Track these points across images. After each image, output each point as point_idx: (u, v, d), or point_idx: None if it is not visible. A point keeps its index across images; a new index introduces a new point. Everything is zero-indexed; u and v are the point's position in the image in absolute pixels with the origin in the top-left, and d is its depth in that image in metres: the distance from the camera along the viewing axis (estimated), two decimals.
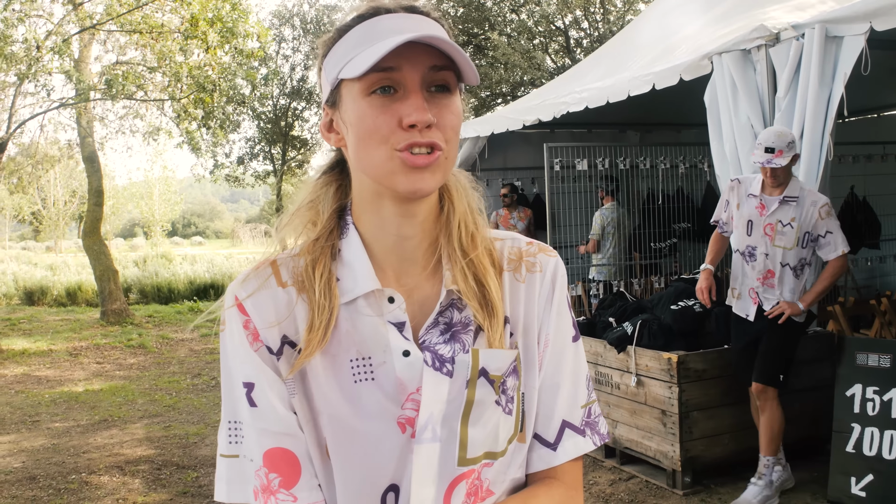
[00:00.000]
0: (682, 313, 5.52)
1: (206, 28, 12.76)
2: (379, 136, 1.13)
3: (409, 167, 1.13)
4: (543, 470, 1.30)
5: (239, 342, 1.22)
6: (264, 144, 26.62)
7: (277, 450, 1.19)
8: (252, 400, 1.20)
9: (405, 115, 1.12)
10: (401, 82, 1.13)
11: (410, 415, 1.19)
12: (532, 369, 1.30)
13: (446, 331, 1.23)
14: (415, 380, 1.19)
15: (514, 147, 10.31)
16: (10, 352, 11.86)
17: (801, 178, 5.26)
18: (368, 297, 1.22)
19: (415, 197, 1.16)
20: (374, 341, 1.21)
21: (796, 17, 5.58)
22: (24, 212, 43.31)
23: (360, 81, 1.14)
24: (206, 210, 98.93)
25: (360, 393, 1.20)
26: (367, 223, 1.25)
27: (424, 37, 1.08)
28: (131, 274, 20.45)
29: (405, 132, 1.12)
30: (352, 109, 1.16)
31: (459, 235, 1.25)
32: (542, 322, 1.31)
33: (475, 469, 1.21)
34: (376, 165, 1.15)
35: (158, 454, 6.49)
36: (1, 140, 12.22)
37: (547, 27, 20.60)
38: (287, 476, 1.19)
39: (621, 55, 8.16)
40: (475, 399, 1.21)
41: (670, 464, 5.20)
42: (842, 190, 9.11)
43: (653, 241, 9.16)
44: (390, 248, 1.24)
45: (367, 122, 1.14)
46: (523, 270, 1.32)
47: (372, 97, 1.14)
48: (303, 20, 25.79)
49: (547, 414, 1.30)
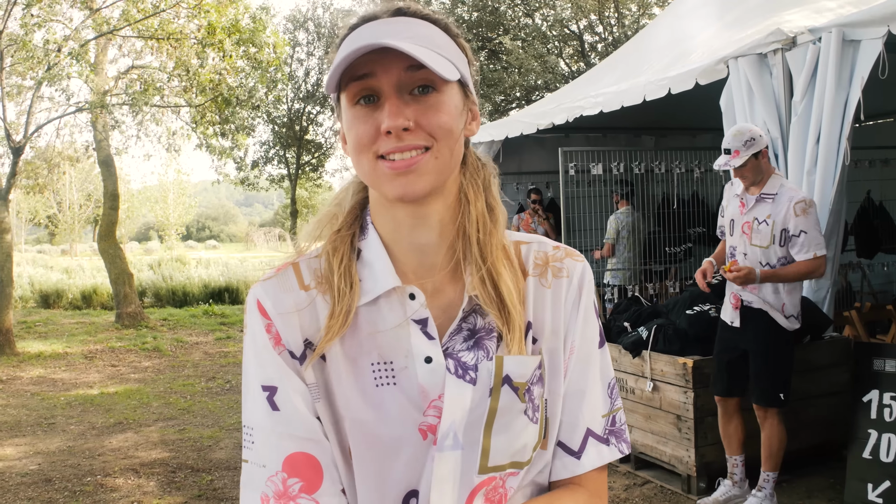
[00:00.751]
0: (697, 318, 5.49)
1: (223, 37, 12.82)
2: (363, 146, 1.15)
3: (391, 173, 1.14)
4: (567, 478, 1.28)
5: (262, 346, 1.20)
6: (279, 148, 26.69)
7: (300, 454, 1.17)
8: (274, 404, 1.18)
9: (381, 123, 1.13)
10: (378, 89, 1.14)
11: (432, 422, 1.18)
12: (557, 376, 1.28)
13: (470, 337, 1.22)
14: (437, 386, 1.18)
15: (528, 151, 10.31)
16: (26, 354, 11.93)
17: (818, 182, 5.24)
18: (389, 295, 1.21)
19: (407, 200, 1.16)
20: (395, 345, 1.20)
21: (813, 21, 5.57)
22: (39, 215, 43.58)
23: (346, 93, 1.16)
24: (221, 214, 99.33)
25: (382, 397, 1.18)
26: (383, 226, 1.25)
27: (368, 45, 1.08)
28: (146, 277, 20.53)
29: (385, 139, 1.13)
30: (344, 120, 1.19)
31: (476, 239, 1.23)
32: (569, 328, 1.29)
33: (496, 477, 1.20)
34: (366, 173, 1.18)
35: (173, 457, 6.51)
36: (19, 144, 12.29)
37: (561, 31, 20.59)
38: (309, 481, 1.16)
39: (636, 59, 8.15)
40: (499, 407, 1.19)
41: (685, 469, 5.18)
42: (858, 194, 9.07)
43: (668, 245, 9.13)
44: (408, 251, 1.24)
45: (353, 133, 1.16)
46: (549, 276, 1.30)
47: (356, 107, 1.15)
48: (317, 24, 25.86)
49: (571, 422, 1.28)
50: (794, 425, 5.34)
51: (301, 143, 26.43)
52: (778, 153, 5.58)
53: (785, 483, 5.25)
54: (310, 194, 32.69)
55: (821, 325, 5.51)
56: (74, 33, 13.16)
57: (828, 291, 5.58)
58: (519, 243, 1.32)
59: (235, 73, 13.81)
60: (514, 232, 1.34)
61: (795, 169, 5.45)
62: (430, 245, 1.23)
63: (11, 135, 12.35)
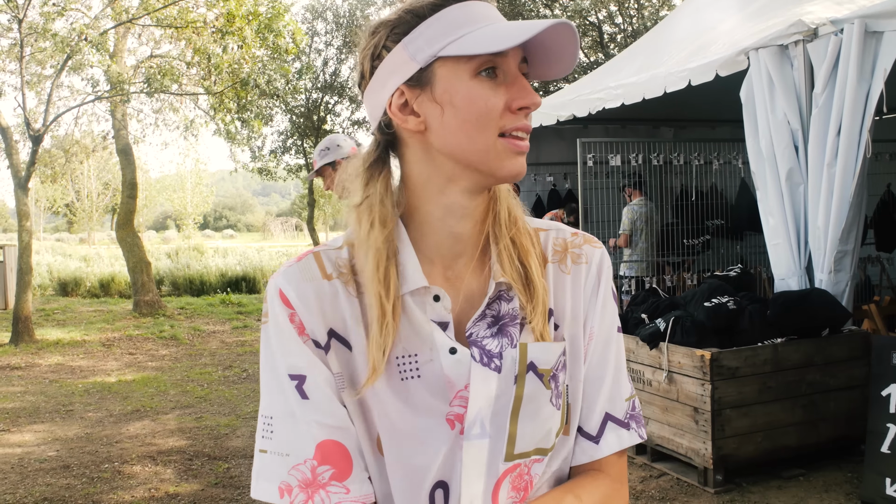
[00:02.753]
0: (715, 310, 5.47)
1: (242, 24, 12.84)
2: (490, 118, 1.13)
3: (514, 152, 1.16)
4: (587, 463, 1.29)
5: (287, 335, 1.19)
6: (297, 138, 26.71)
7: (330, 442, 1.17)
8: (304, 392, 1.17)
9: (517, 98, 1.14)
10: (503, 67, 1.15)
11: (459, 411, 1.18)
12: (578, 361, 1.29)
13: (494, 324, 1.22)
14: (463, 377, 1.18)
15: (546, 142, 10.28)
16: (45, 342, 12.02)
17: (838, 174, 5.21)
18: (415, 293, 1.20)
19: (514, 180, 1.18)
20: (420, 338, 1.19)
21: (835, 13, 5.52)
22: (58, 203, 43.87)
23: (471, 62, 1.13)
24: (238, 203, 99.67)
25: (408, 390, 1.18)
26: (424, 213, 1.22)
27: (562, 23, 1.10)
28: (163, 266, 20.64)
29: (513, 115, 1.15)
30: (457, 90, 1.14)
31: (505, 219, 1.25)
32: (588, 313, 1.30)
33: (522, 464, 1.21)
34: (480, 150, 1.15)
35: (190, 445, 6.54)
36: (38, 132, 12.35)
37: (581, 22, 20.51)
38: (339, 468, 1.16)
39: (656, 51, 8.11)
40: (524, 394, 1.20)
41: (702, 461, 5.17)
42: (878, 188, 9.01)
43: (686, 237, 9.10)
44: (443, 239, 1.23)
45: (480, 104, 1.13)
46: (569, 262, 1.31)
47: (480, 78, 1.14)
48: (336, 14, 25.84)
49: (589, 406, 1.30)
50: (812, 418, 5.33)
51: (319, 133, 26.44)
52: (798, 145, 5.55)
53: (802, 477, 5.24)
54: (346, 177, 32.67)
55: (840, 319, 5.48)
56: (94, 22, 13.21)
57: (847, 285, 5.55)
58: (538, 230, 1.33)
59: (254, 63, 13.82)
60: (532, 219, 1.35)
61: (816, 161, 5.42)
62: (466, 233, 1.23)
63: (31, 123, 12.41)
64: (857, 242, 5.61)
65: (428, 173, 1.21)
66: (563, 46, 1.15)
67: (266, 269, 20.31)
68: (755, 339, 5.34)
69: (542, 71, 1.19)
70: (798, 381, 5.30)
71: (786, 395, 5.25)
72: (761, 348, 5.23)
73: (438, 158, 1.19)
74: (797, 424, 5.30)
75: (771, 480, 5.19)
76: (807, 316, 5.37)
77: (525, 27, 1.10)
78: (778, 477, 5.25)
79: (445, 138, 1.16)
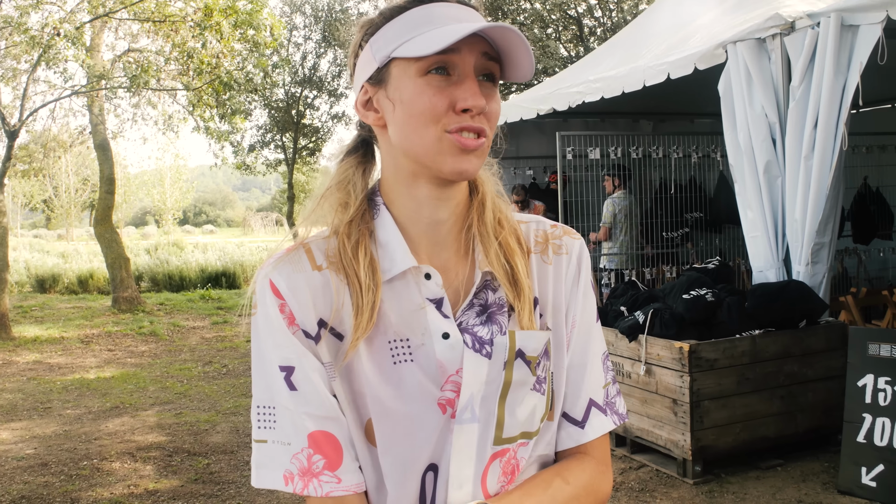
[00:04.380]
0: (694, 302, 5.50)
1: (220, 18, 12.77)
2: (432, 116, 1.15)
3: (458, 149, 1.16)
4: (573, 447, 1.34)
5: (277, 326, 1.21)
6: (276, 133, 26.60)
7: (320, 433, 1.19)
8: (292, 383, 1.19)
9: (461, 99, 1.15)
10: (456, 66, 1.16)
11: (450, 396, 1.21)
12: (561, 349, 1.33)
13: (482, 312, 1.26)
14: (455, 362, 1.21)
15: (526, 135, 10.30)
16: (23, 339, 11.93)
17: (815, 167, 5.25)
18: (405, 275, 1.24)
19: (459, 178, 1.19)
20: (411, 322, 1.22)
21: (811, 6, 5.56)
22: (35, 199, 43.53)
23: (419, 61, 1.16)
24: (218, 198, 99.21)
25: (400, 374, 1.21)
26: (400, 206, 1.26)
27: (501, 27, 1.11)
28: (143, 262, 20.51)
29: (457, 115, 1.16)
30: (406, 88, 1.18)
31: (491, 217, 1.29)
32: (570, 303, 1.34)
33: (510, 448, 1.25)
34: (425, 145, 1.17)
35: (170, 441, 6.51)
36: (13, 128, 12.24)
37: (560, 16, 20.52)
38: (331, 458, 1.19)
39: (635, 44, 8.13)
40: (513, 380, 1.23)
41: (681, 453, 5.19)
42: (855, 180, 9.07)
43: (665, 230, 9.14)
44: (423, 231, 1.26)
45: (423, 101, 1.16)
46: (550, 252, 1.35)
47: (429, 77, 1.16)
48: (314, 8, 25.74)
49: (574, 393, 1.34)
50: (790, 409, 5.37)
51: (298, 128, 26.34)
52: (776, 138, 5.59)
53: (780, 467, 5.28)
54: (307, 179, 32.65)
55: (817, 311, 5.52)
56: (70, 16, 13.10)
57: (824, 276, 5.60)
58: (520, 222, 1.37)
59: (232, 57, 13.76)
60: (516, 213, 1.38)
61: (793, 154, 5.45)
62: (446, 223, 1.27)
63: (6, 118, 12.30)
64: (835, 234, 5.66)
65: (395, 166, 1.26)
66: (516, 49, 1.16)
67: (246, 265, 20.22)
68: (733, 331, 5.38)
69: (509, 73, 1.21)
70: (776, 372, 5.33)
71: (764, 386, 5.29)
72: (739, 340, 5.26)
73: (398, 153, 1.23)
74: (775, 415, 5.34)
75: (749, 471, 5.23)
76: (784, 308, 5.41)
77: (453, 32, 1.12)
78: (756, 467, 5.28)
79: (397, 134, 1.21)
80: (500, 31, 1.13)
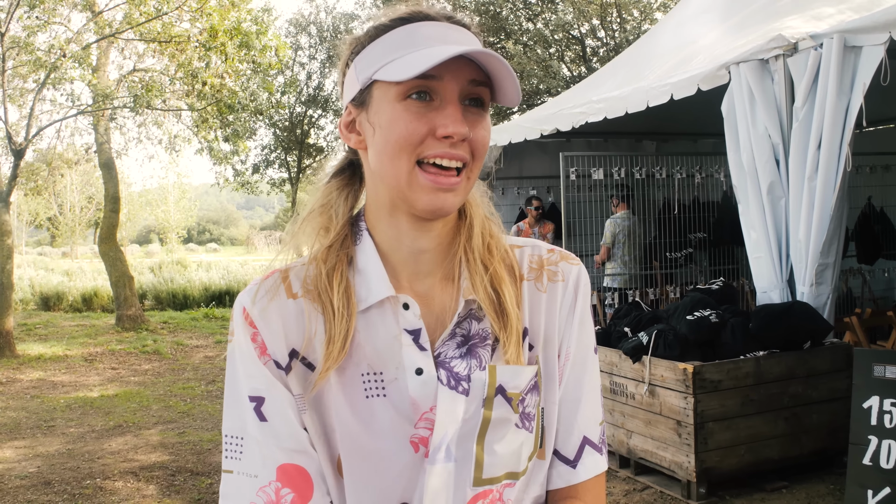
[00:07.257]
0: (697, 323, 5.49)
1: (225, 40, 12.83)
2: (408, 144, 1.10)
3: (432, 186, 1.11)
4: (564, 488, 1.26)
5: (248, 355, 1.17)
6: (280, 152, 26.69)
7: (291, 466, 1.15)
8: (262, 414, 1.16)
9: (440, 126, 1.09)
10: (439, 92, 1.10)
11: (424, 434, 1.15)
12: (552, 383, 1.25)
13: (463, 343, 1.19)
14: (428, 398, 1.15)
15: (529, 155, 10.31)
16: (26, 357, 11.92)
17: (819, 188, 5.25)
18: (383, 304, 1.18)
19: (433, 217, 1.14)
20: (386, 355, 1.17)
21: (814, 27, 5.57)
22: (40, 217, 43.56)
23: (399, 85, 1.10)
24: (222, 217, 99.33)
25: (372, 409, 1.16)
26: (381, 233, 1.21)
27: (481, 52, 1.06)
28: (147, 280, 20.53)
29: (437, 142, 1.10)
30: (384, 112, 1.12)
31: (479, 242, 1.22)
32: (564, 333, 1.26)
33: (493, 489, 1.17)
34: (398, 177, 1.12)
35: (173, 460, 6.50)
36: (20, 146, 12.29)
37: (563, 36, 20.59)
38: (301, 491, 1.14)
39: (638, 64, 8.15)
40: (492, 418, 1.16)
41: (685, 475, 5.17)
42: (859, 200, 9.06)
43: (668, 250, 9.14)
44: (405, 259, 1.21)
45: (401, 127, 1.10)
46: (545, 279, 1.27)
47: (408, 102, 1.10)
48: (319, 28, 25.86)
49: (566, 429, 1.26)
50: (795, 431, 5.34)
51: (302, 147, 26.43)
52: (779, 159, 5.59)
53: (785, 489, 5.25)
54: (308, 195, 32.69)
55: (821, 332, 5.51)
56: (77, 36, 13.18)
57: (828, 297, 5.58)
58: (513, 247, 1.30)
59: (237, 77, 13.81)
60: (508, 236, 1.32)
61: (797, 175, 5.45)
62: (430, 251, 1.21)
63: (13, 137, 12.36)
64: (839, 255, 5.64)
65: (375, 193, 1.20)
66: (499, 75, 1.10)
67: (250, 283, 20.20)
68: (737, 353, 5.36)
69: (498, 97, 1.15)
70: (780, 393, 5.31)
71: (768, 407, 5.27)
72: (744, 361, 5.25)
73: (378, 180, 1.18)
74: (780, 437, 5.32)
75: (754, 493, 5.20)
76: (789, 329, 5.40)
77: (433, 55, 1.06)
78: (761, 490, 5.26)
79: (374, 160, 1.16)
80: (483, 57, 1.07)
